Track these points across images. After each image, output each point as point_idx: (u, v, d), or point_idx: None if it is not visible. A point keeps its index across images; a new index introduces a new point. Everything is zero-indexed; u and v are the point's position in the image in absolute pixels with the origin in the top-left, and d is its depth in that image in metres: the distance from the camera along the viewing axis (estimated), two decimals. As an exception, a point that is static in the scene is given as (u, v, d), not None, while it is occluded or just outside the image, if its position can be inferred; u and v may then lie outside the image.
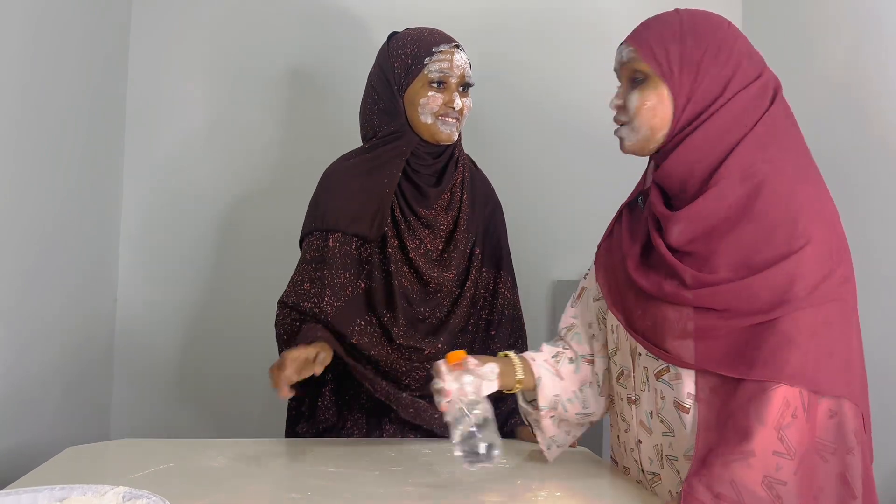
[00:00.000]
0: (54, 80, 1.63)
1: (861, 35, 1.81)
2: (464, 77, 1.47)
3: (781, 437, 0.95)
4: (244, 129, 2.12)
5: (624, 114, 1.13)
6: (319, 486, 1.14)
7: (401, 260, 1.47)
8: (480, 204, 1.57)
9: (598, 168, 2.21)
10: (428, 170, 1.50)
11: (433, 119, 1.45)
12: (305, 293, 1.47)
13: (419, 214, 1.48)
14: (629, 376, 1.17)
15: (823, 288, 1.00)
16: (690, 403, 1.05)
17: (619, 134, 1.15)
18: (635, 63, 1.10)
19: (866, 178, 1.74)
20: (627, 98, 1.12)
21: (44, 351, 1.64)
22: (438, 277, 1.48)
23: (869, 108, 1.76)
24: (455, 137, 1.48)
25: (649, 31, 1.12)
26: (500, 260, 1.58)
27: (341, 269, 1.46)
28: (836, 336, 1.01)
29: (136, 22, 2.07)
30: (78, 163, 1.78)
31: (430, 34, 1.48)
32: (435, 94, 1.44)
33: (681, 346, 1.06)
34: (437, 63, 1.44)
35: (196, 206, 2.10)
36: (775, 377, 0.97)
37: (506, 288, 1.57)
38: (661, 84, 1.08)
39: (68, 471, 1.17)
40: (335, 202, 1.48)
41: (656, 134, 1.10)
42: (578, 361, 1.30)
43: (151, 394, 2.08)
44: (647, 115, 1.09)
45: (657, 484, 1.13)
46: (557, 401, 1.25)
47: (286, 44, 2.13)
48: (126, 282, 2.07)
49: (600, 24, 2.21)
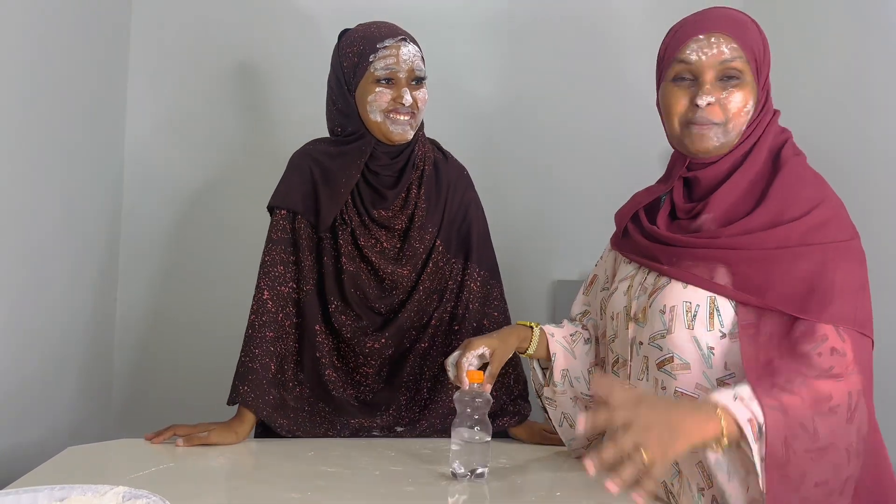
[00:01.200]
0: (54, 77, 1.62)
1: (861, 35, 1.81)
2: (413, 71, 1.41)
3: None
4: (242, 128, 2.12)
5: (719, 113, 1.08)
6: (319, 486, 1.14)
7: (355, 256, 1.47)
8: (444, 194, 1.52)
9: (599, 168, 2.22)
10: (386, 171, 1.48)
11: (383, 117, 1.41)
12: (280, 276, 1.47)
13: (374, 216, 1.47)
14: (625, 365, 1.18)
15: (856, 243, 1.05)
16: (699, 394, 1.05)
17: (706, 133, 1.08)
18: (737, 62, 1.06)
19: (866, 178, 1.73)
20: (724, 97, 1.07)
21: (43, 351, 1.64)
22: (393, 273, 1.47)
23: (869, 108, 1.76)
24: (409, 137, 1.44)
25: (744, 26, 1.09)
26: (469, 251, 1.53)
27: (308, 251, 1.48)
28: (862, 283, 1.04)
29: (137, 19, 2.07)
30: (78, 161, 1.78)
31: (376, 29, 1.43)
32: (382, 91, 1.40)
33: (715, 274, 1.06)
34: (382, 60, 1.40)
35: (197, 206, 2.10)
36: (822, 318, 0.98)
37: (473, 281, 1.52)
38: (751, 85, 1.08)
39: (68, 471, 1.17)
40: (300, 184, 1.49)
41: (740, 137, 1.10)
42: (593, 343, 1.34)
43: (151, 394, 2.07)
44: (744, 119, 1.08)
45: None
46: (565, 376, 1.30)
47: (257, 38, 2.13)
48: (126, 282, 2.07)
49: (602, 25, 2.21)
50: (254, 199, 2.11)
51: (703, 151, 1.09)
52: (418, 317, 1.49)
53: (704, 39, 1.07)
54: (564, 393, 1.32)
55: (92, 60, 1.84)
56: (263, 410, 1.41)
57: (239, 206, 2.11)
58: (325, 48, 2.13)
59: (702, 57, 1.07)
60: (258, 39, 2.12)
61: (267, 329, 1.45)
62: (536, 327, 1.33)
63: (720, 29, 1.07)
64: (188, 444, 1.33)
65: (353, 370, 1.49)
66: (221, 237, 2.11)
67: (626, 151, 2.13)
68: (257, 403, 1.40)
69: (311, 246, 1.49)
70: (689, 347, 1.06)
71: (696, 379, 1.06)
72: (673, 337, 1.07)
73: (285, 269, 1.48)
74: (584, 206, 2.20)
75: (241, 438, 1.39)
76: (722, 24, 1.08)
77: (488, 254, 1.56)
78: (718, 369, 1.05)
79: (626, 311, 1.18)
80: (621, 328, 1.19)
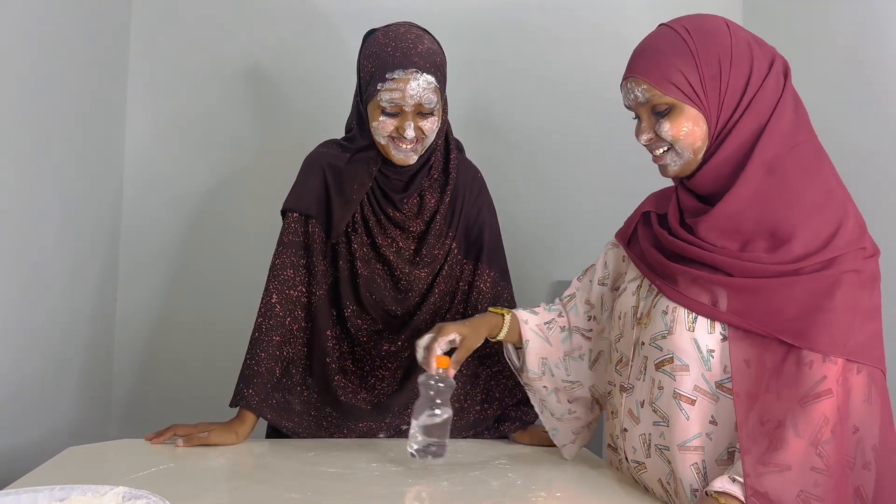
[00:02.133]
0: (54, 80, 1.62)
1: (861, 34, 1.81)
2: (420, 105, 1.37)
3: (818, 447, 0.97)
4: (242, 129, 2.12)
5: (660, 143, 1.12)
6: (319, 486, 1.14)
7: (371, 256, 1.47)
8: (460, 198, 1.52)
9: (600, 170, 2.22)
10: (397, 175, 1.47)
11: (387, 141, 1.41)
12: (290, 280, 1.47)
13: (389, 216, 1.47)
14: (627, 364, 1.18)
15: (872, 264, 1.03)
16: (697, 396, 1.06)
17: (662, 161, 1.13)
18: (657, 99, 1.08)
19: (867, 176, 1.73)
20: (658, 129, 1.10)
21: (43, 351, 1.64)
22: (409, 274, 1.47)
23: (869, 107, 1.76)
24: (411, 161, 1.43)
25: (658, 60, 1.08)
26: (480, 252, 1.53)
27: (321, 255, 1.48)
28: (875, 315, 1.03)
29: (137, 20, 2.07)
30: (78, 162, 1.78)
31: (392, 50, 1.37)
32: (386, 120, 1.38)
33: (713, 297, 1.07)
34: (388, 92, 1.35)
35: (197, 206, 2.10)
36: (812, 346, 0.98)
37: (483, 282, 1.52)
38: (688, 107, 1.08)
39: (68, 471, 1.17)
40: (313, 190, 1.48)
41: (698, 154, 1.11)
42: (570, 331, 1.36)
43: (151, 394, 2.07)
44: (689, 140, 1.09)
45: (642, 472, 1.15)
46: (545, 364, 1.34)
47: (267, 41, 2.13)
48: (126, 282, 2.07)
49: (601, 25, 2.21)
50: (254, 200, 2.11)
51: (670, 176, 1.15)
52: (432, 319, 1.49)
53: (625, 84, 1.12)
54: (541, 380, 1.35)
55: (92, 61, 1.84)
56: (267, 413, 1.41)
57: (239, 206, 2.11)
58: (326, 49, 2.14)
59: (630, 103, 1.13)
60: (258, 40, 2.12)
61: (274, 333, 1.44)
62: (507, 314, 1.35)
63: (632, 72, 1.11)
64: (188, 445, 1.34)
65: (368, 373, 1.49)
66: (221, 238, 2.11)
67: (626, 152, 2.13)
68: (261, 407, 1.41)
69: (325, 250, 1.48)
70: (689, 349, 1.07)
71: (695, 381, 1.07)
72: (674, 338, 1.08)
73: (295, 273, 1.47)
74: (584, 206, 2.20)
75: (242, 439, 1.39)
76: (634, 67, 1.11)
77: (499, 256, 1.56)
78: (717, 372, 1.05)
79: (634, 311, 1.19)
80: (627, 328, 1.20)
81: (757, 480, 0.95)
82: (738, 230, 1.06)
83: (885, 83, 1.71)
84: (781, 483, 0.95)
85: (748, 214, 1.06)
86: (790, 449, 0.96)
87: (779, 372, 1.00)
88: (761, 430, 0.99)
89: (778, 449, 0.96)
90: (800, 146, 1.07)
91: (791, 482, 0.95)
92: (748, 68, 1.07)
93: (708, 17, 1.11)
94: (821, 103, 1.89)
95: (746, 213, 1.06)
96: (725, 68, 1.06)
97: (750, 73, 1.07)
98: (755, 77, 1.07)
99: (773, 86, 1.07)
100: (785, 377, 0.99)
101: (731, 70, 1.06)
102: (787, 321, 1.01)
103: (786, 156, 1.06)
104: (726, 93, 1.07)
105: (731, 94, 1.07)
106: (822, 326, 0.99)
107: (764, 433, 0.98)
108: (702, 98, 1.07)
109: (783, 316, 1.01)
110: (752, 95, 1.07)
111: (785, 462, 0.96)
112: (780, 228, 1.04)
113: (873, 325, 1.02)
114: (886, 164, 1.69)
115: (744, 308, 1.03)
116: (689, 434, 1.06)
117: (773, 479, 0.95)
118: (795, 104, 1.09)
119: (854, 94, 1.81)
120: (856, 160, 1.76)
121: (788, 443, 0.96)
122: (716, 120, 1.08)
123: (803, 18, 2.02)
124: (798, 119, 1.09)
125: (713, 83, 1.06)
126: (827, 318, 0.99)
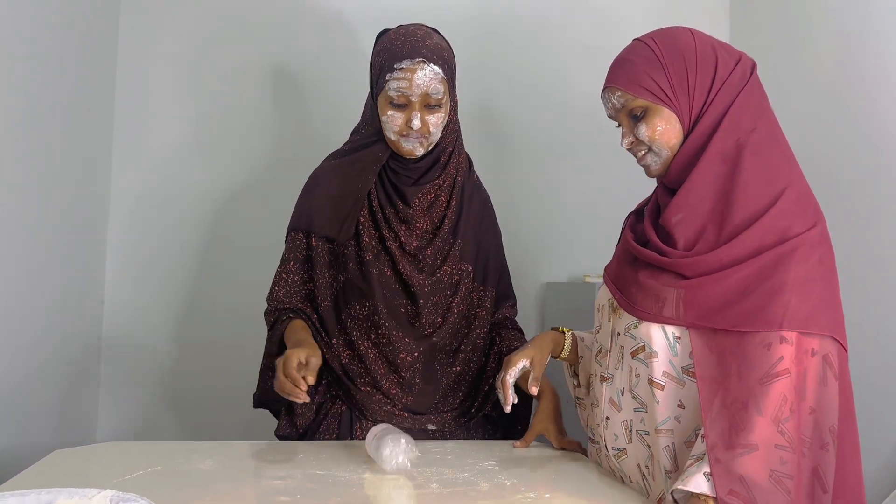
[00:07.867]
0: (42, 82, 1.62)
1: (850, 34, 1.83)
2: (427, 96, 1.39)
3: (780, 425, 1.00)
4: (232, 131, 2.12)
5: (640, 146, 1.20)
6: (308, 488, 1.14)
7: (380, 249, 1.48)
8: (476, 226, 1.55)
9: (590, 172, 2.23)
10: (407, 171, 1.49)
11: (396, 136, 1.43)
12: (293, 283, 1.51)
13: (397, 208, 1.49)
14: (605, 355, 1.24)
15: (812, 234, 1.07)
16: (665, 381, 1.12)
17: (643, 163, 1.22)
18: (631, 103, 1.18)
19: (856, 177, 1.75)
20: (636, 132, 1.19)
21: (30, 353, 1.63)
22: (410, 274, 1.47)
23: (858, 108, 1.78)
24: (419, 153, 1.45)
25: (629, 69, 1.18)
26: (487, 275, 1.56)
27: (325, 267, 1.50)
28: (824, 283, 1.07)
29: (125, 23, 2.06)
30: (65, 164, 1.77)
31: (401, 43, 1.40)
32: (394, 114, 1.40)
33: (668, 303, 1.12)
34: (396, 81, 1.38)
35: (183, 208, 2.10)
36: (763, 326, 1.03)
37: (482, 307, 1.55)
38: (661, 109, 1.16)
39: (55, 474, 1.17)
40: (314, 203, 1.51)
41: (675, 151, 1.18)
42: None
43: (138, 397, 2.07)
44: (664, 139, 1.17)
45: (622, 459, 1.20)
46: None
47: (274, 43, 2.13)
48: (113, 283, 2.06)
49: (601, 25, 2.22)
50: (242, 201, 2.11)
51: (654, 176, 1.22)
52: (450, 341, 1.51)
53: (604, 95, 1.22)
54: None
55: (80, 61, 1.83)
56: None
57: (227, 208, 2.11)
58: (317, 52, 2.14)
59: (610, 112, 1.23)
60: (253, 43, 2.12)
61: (286, 332, 1.47)
62: (569, 332, 1.42)
63: (608, 82, 1.21)
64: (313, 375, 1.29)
65: (382, 378, 1.48)
66: (209, 239, 2.11)
67: (617, 155, 2.14)
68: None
69: (330, 261, 1.50)
70: (658, 337, 1.13)
71: (664, 367, 1.12)
72: (642, 327, 1.15)
73: (300, 280, 1.52)
74: (575, 209, 2.21)
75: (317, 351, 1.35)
76: (610, 78, 1.21)
77: (496, 276, 1.59)
78: (683, 358, 1.11)
79: (611, 303, 1.24)
80: (605, 319, 1.26)
81: (730, 465, 0.98)
82: (693, 218, 1.13)
83: (875, 83, 1.73)
84: (752, 465, 0.98)
85: (702, 201, 1.13)
86: (755, 428, 0.99)
87: (738, 356, 1.05)
88: (725, 413, 1.03)
89: (742, 430, 1.00)
90: (757, 130, 1.13)
91: (761, 463, 0.98)
92: (713, 69, 1.15)
93: (676, 29, 1.20)
94: (809, 103, 1.91)
95: (701, 200, 1.13)
96: (692, 69, 1.15)
97: (715, 73, 1.15)
98: (720, 74, 1.15)
99: (736, 80, 1.15)
100: (745, 360, 1.04)
101: (698, 70, 1.15)
102: (736, 310, 1.06)
103: (743, 141, 1.12)
104: (695, 91, 1.15)
105: (700, 92, 1.15)
106: (770, 306, 1.04)
107: (727, 416, 1.02)
108: (672, 98, 1.15)
109: (732, 306, 1.06)
110: (718, 90, 1.15)
111: (752, 442, 0.99)
112: (729, 212, 1.10)
113: (819, 290, 1.06)
114: (876, 164, 1.71)
115: (696, 305, 1.09)
116: (660, 418, 1.12)
117: (745, 461, 0.98)
118: (759, 95, 1.17)
119: (843, 94, 1.83)
120: (845, 160, 1.78)
121: (753, 423, 1.00)
122: (688, 117, 1.16)
123: (791, 18, 2.04)
124: (759, 106, 1.16)
125: (681, 84, 1.15)
126: (773, 296, 1.04)
